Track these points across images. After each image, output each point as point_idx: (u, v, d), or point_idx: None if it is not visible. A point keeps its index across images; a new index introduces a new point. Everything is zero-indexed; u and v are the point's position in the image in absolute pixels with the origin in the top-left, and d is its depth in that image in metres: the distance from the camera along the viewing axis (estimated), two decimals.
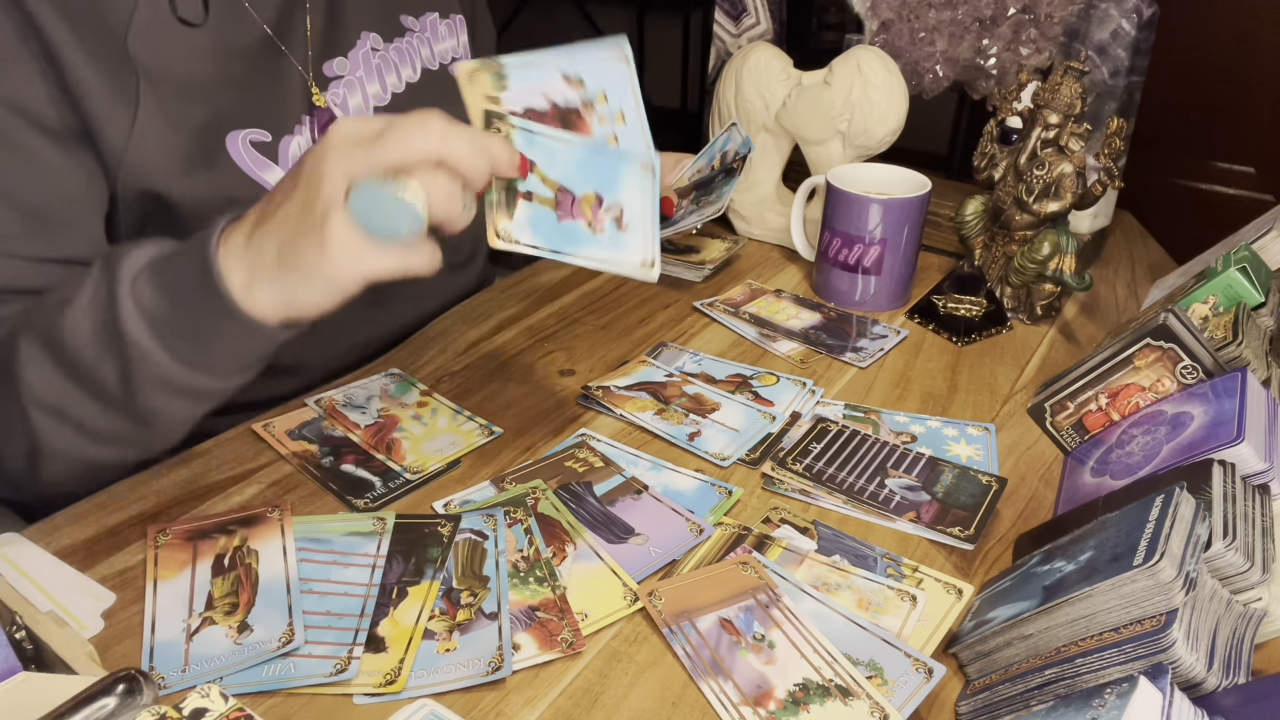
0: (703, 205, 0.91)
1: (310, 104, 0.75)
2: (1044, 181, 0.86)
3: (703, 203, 0.91)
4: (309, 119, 0.75)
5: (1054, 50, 1.00)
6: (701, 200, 0.91)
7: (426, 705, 0.49)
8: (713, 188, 0.92)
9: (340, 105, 0.78)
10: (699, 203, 0.91)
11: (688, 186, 0.91)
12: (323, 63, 0.77)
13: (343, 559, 0.58)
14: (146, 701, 0.38)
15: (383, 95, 0.82)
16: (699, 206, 0.91)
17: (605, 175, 0.58)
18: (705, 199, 0.91)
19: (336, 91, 0.77)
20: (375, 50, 0.81)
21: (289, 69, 0.74)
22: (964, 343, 0.87)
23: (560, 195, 0.57)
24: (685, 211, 0.91)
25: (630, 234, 0.59)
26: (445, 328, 0.87)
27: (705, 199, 0.91)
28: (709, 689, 0.50)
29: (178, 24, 0.66)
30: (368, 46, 0.80)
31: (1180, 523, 0.48)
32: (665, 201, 0.90)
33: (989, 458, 0.71)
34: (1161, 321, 0.67)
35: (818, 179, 0.96)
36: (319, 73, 0.77)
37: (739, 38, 1.11)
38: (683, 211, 0.90)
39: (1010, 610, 0.51)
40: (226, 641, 0.52)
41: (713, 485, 0.67)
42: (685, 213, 0.91)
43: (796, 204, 0.98)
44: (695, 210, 0.91)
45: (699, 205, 0.91)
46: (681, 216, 0.91)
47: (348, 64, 0.79)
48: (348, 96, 0.78)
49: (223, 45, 0.69)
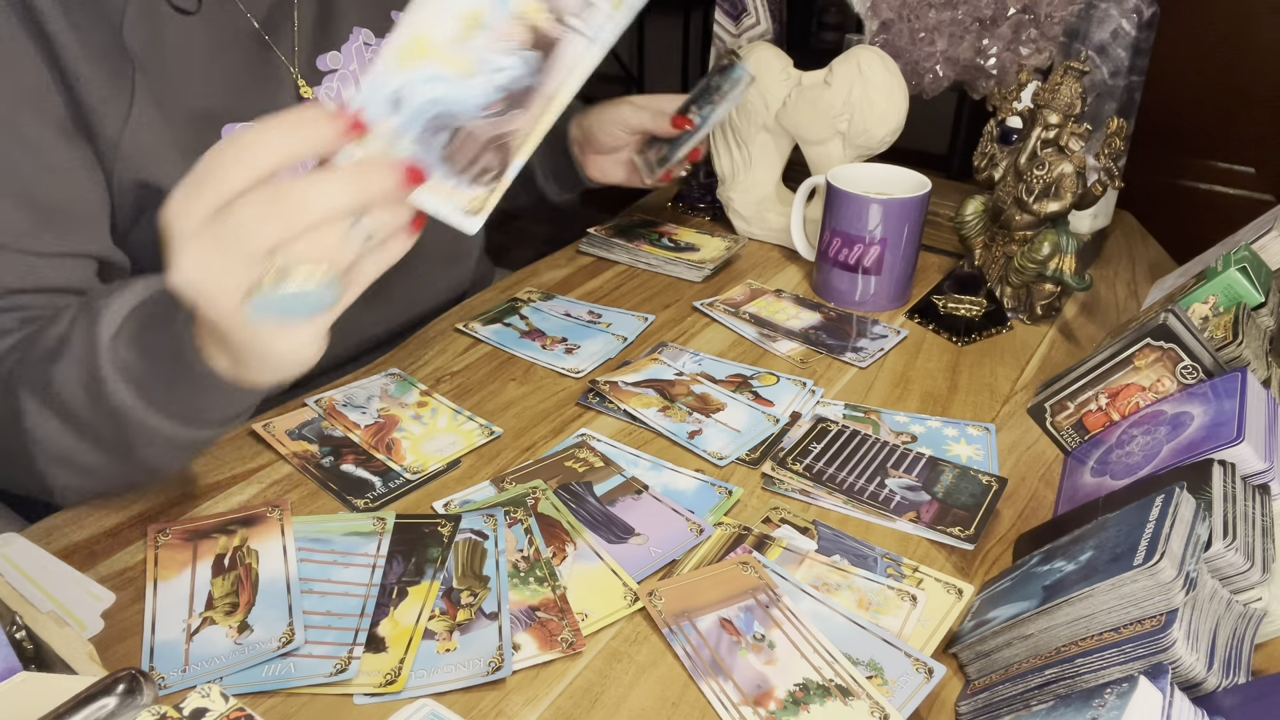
0: (717, 101, 0.93)
1: (299, 99, 0.75)
2: (1044, 181, 0.86)
3: (716, 99, 0.93)
4: None
5: (1054, 50, 1.00)
6: (711, 100, 0.94)
7: (426, 705, 0.49)
8: (712, 91, 0.94)
9: (334, 99, 0.78)
10: (711, 101, 0.93)
11: (684, 104, 0.93)
12: (315, 56, 0.77)
13: (343, 559, 0.58)
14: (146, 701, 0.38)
15: None
16: (714, 103, 0.93)
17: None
18: (716, 95, 0.93)
19: (330, 85, 0.78)
20: (368, 45, 0.81)
21: (278, 63, 0.74)
22: (964, 343, 0.87)
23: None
24: (704, 114, 0.93)
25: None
26: (445, 328, 0.87)
27: (716, 95, 0.93)
28: (709, 689, 0.50)
29: (172, 13, 0.66)
30: (360, 41, 0.80)
31: (1180, 523, 0.48)
32: (676, 120, 0.93)
33: (989, 458, 0.71)
34: (1161, 321, 0.67)
35: (818, 179, 0.96)
36: (311, 66, 0.77)
37: (739, 38, 1.11)
38: (699, 117, 0.93)
39: (1010, 610, 0.51)
40: (226, 641, 0.52)
41: (713, 485, 0.67)
42: (705, 115, 0.93)
43: (796, 204, 0.98)
44: (713, 106, 0.93)
45: (714, 103, 0.93)
46: (701, 122, 0.93)
47: (340, 58, 0.79)
48: (341, 90, 0.78)
49: (214, 38, 0.70)
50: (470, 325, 0.86)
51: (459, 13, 0.43)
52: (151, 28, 0.66)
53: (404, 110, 0.44)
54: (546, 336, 0.85)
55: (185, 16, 0.67)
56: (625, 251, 1.01)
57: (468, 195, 0.46)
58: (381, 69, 0.44)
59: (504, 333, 0.86)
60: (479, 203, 0.46)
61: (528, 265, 1.00)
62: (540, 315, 0.89)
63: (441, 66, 0.44)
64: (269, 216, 0.42)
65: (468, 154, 0.45)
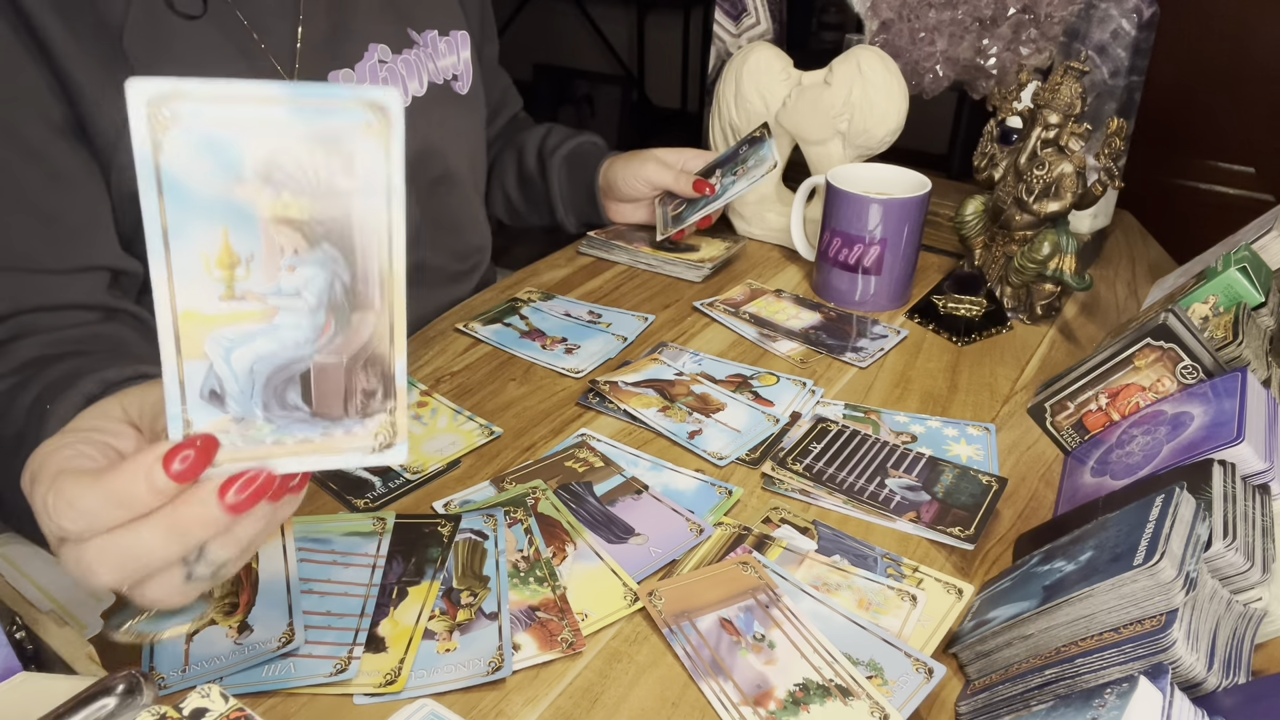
0: (739, 175, 0.95)
1: None
2: (1044, 181, 0.86)
3: (740, 171, 0.95)
4: None
5: (1054, 50, 1.00)
6: (734, 171, 0.95)
7: (426, 705, 0.49)
8: (738, 161, 0.95)
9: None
10: (734, 172, 0.95)
11: (709, 165, 0.95)
12: (328, 72, 0.77)
13: (343, 559, 0.58)
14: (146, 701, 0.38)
15: None
16: (736, 176, 0.95)
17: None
18: (741, 166, 0.95)
19: None
20: (383, 62, 0.81)
21: (278, 75, 0.74)
22: (964, 343, 0.87)
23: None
24: (725, 184, 0.95)
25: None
26: (445, 328, 0.87)
27: (741, 166, 0.95)
28: (709, 689, 0.50)
29: (174, 21, 0.66)
30: (375, 58, 0.80)
31: (1180, 523, 0.48)
32: (697, 184, 0.96)
33: (989, 458, 0.71)
34: (1161, 321, 0.67)
35: (818, 179, 0.96)
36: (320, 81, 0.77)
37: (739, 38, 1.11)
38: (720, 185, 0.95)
39: (1010, 610, 0.51)
40: (226, 641, 0.52)
41: (713, 485, 0.67)
42: (725, 185, 0.95)
43: (796, 204, 0.98)
44: (735, 179, 0.95)
45: (735, 175, 0.95)
46: (724, 189, 0.95)
47: (354, 76, 0.79)
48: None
49: (214, 50, 0.69)
50: (470, 325, 0.86)
51: (203, 264, 0.34)
52: (153, 33, 0.65)
53: (229, 395, 0.36)
54: (546, 336, 0.85)
55: (189, 22, 0.67)
56: (625, 252, 1.01)
57: (369, 431, 0.38)
58: (170, 379, 0.36)
59: (504, 333, 0.86)
60: (386, 432, 0.38)
61: (528, 265, 1.00)
62: (540, 315, 0.89)
63: (231, 328, 0.35)
64: (105, 566, 0.37)
65: (335, 391, 0.37)
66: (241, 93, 0.33)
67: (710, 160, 0.99)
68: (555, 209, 1.07)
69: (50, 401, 0.52)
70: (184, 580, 0.38)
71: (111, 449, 0.40)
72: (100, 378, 0.53)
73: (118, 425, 0.41)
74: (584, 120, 3.75)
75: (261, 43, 0.73)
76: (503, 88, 1.09)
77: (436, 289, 0.93)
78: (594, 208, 1.04)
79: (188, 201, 0.34)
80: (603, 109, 3.76)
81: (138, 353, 0.61)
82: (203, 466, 0.36)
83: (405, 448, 0.39)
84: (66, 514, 0.37)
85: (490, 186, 1.10)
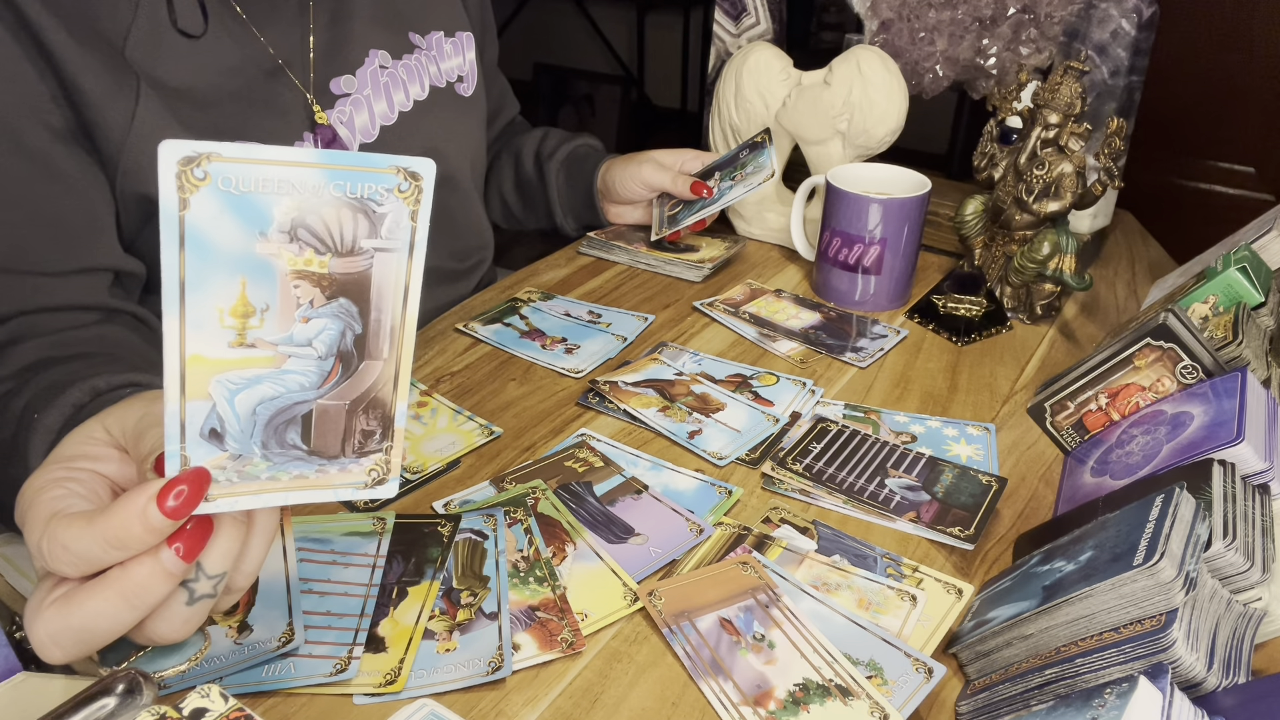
0: (738, 180, 0.95)
1: (312, 121, 0.75)
2: (1044, 181, 0.86)
3: (739, 176, 0.95)
4: (312, 136, 0.75)
5: (1054, 50, 1.00)
6: (732, 176, 0.95)
7: (426, 705, 0.49)
8: (737, 166, 0.95)
9: (346, 123, 0.78)
10: (733, 177, 0.95)
11: (708, 168, 0.95)
12: (329, 80, 0.77)
13: (342, 559, 0.58)
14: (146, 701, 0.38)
15: (389, 114, 0.82)
16: (734, 180, 0.95)
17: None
18: (739, 172, 0.95)
19: (343, 109, 0.77)
20: (384, 68, 0.80)
21: (290, 86, 0.74)
22: (964, 343, 0.87)
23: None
24: (723, 189, 0.95)
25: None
26: (445, 328, 0.87)
27: (739, 172, 0.95)
28: (709, 689, 0.50)
29: (177, 36, 0.66)
30: (376, 64, 0.80)
31: (1180, 523, 0.48)
32: (695, 185, 0.96)
33: (989, 458, 0.71)
34: (1161, 321, 0.67)
35: (818, 179, 0.96)
36: (325, 90, 0.76)
37: (739, 38, 1.11)
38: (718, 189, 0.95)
39: (1010, 610, 0.51)
40: (226, 641, 0.52)
41: (713, 485, 0.67)
42: (723, 189, 0.95)
43: (796, 204, 0.98)
44: (732, 184, 0.95)
45: (734, 180, 0.95)
46: (721, 194, 0.95)
47: (355, 81, 0.78)
48: (354, 114, 0.78)
49: (222, 60, 0.69)
50: (470, 325, 0.86)
51: (217, 315, 0.35)
52: (156, 50, 0.65)
53: (229, 434, 0.36)
54: (546, 336, 0.85)
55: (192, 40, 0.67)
56: (625, 252, 1.01)
57: (363, 469, 0.39)
58: (171, 419, 0.36)
59: (504, 333, 0.86)
60: (380, 469, 0.39)
61: (528, 265, 1.00)
62: (540, 315, 0.89)
63: (237, 372, 0.36)
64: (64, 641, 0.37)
65: (335, 432, 0.38)
66: (274, 156, 0.34)
67: (709, 162, 0.99)
68: (554, 213, 1.07)
69: (38, 410, 0.53)
70: (186, 604, 0.38)
71: (99, 478, 0.40)
72: (90, 386, 0.53)
73: (102, 449, 0.41)
74: (584, 120, 3.75)
75: (277, 56, 0.73)
76: (501, 90, 1.09)
77: (436, 289, 0.93)
78: (592, 210, 1.04)
79: (209, 257, 0.34)
80: (602, 109, 3.76)
81: (134, 357, 0.61)
82: (196, 501, 0.36)
83: (396, 483, 0.40)
84: (63, 558, 0.36)
85: (486, 191, 1.10)
